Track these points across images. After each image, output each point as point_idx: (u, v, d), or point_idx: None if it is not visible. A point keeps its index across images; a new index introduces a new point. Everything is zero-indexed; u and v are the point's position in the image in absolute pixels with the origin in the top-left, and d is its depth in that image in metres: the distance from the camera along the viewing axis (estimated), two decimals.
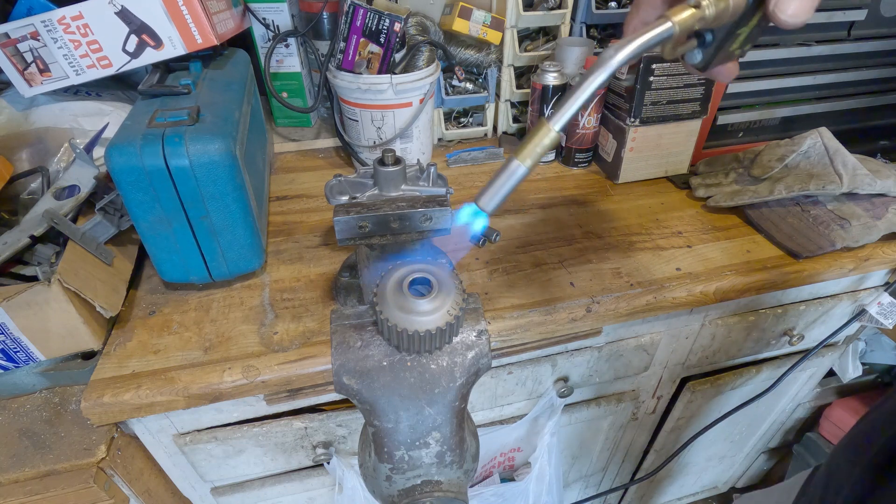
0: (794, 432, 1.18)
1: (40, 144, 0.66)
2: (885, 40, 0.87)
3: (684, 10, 0.30)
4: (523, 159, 0.32)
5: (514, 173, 0.32)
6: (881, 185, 0.70)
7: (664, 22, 0.30)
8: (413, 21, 0.82)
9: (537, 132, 0.32)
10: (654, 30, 0.30)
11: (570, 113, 0.31)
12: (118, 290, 0.57)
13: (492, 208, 0.33)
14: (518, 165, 0.32)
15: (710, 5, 0.30)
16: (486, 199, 0.33)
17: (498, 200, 0.33)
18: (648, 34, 0.30)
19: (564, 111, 0.31)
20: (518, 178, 0.32)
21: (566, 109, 0.31)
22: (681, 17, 0.30)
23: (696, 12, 0.30)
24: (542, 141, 0.32)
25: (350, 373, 0.33)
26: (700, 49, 0.35)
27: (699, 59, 0.35)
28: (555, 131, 0.31)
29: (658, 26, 0.30)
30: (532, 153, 0.32)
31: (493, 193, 0.33)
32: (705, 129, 0.86)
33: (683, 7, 0.30)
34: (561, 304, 0.60)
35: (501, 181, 0.32)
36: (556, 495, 0.85)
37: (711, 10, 0.30)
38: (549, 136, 0.32)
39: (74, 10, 0.59)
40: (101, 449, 0.52)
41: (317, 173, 0.88)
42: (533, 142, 0.32)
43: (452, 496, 0.35)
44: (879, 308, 0.79)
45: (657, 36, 0.30)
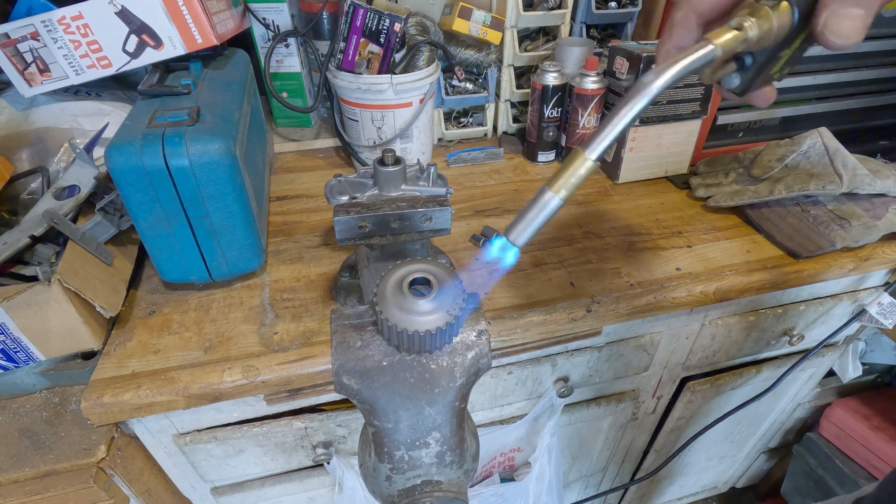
0: (794, 432, 1.18)
1: (40, 144, 0.66)
2: (885, 40, 0.87)
3: (726, 32, 0.29)
4: (557, 190, 0.30)
5: (546, 205, 0.30)
6: (881, 185, 0.70)
7: (706, 45, 0.29)
8: (413, 21, 0.82)
9: (572, 162, 0.30)
10: (696, 53, 0.29)
11: (607, 141, 0.29)
12: (118, 290, 0.57)
13: (522, 242, 0.31)
14: (552, 197, 0.30)
15: (752, 27, 0.29)
16: (517, 233, 0.31)
17: (529, 234, 0.31)
18: (690, 58, 0.29)
19: (601, 139, 0.29)
20: (552, 211, 0.30)
21: (603, 137, 0.29)
22: (723, 39, 0.29)
23: (738, 34, 0.29)
24: (578, 171, 0.30)
25: (350, 373, 0.33)
26: (739, 73, 0.33)
27: (737, 84, 0.34)
28: (591, 161, 0.29)
29: (699, 49, 0.29)
30: (567, 184, 0.30)
31: (525, 226, 0.31)
32: (705, 129, 0.86)
33: (725, 29, 0.29)
34: (561, 304, 0.60)
35: (533, 213, 0.30)
36: (556, 495, 0.85)
37: (755, 32, 0.29)
38: (584, 165, 0.29)
39: (74, 10, 0.59)
40: (101, 449, 0.52)
41: (317, 173, 0.88)
42: (568, 172, 0.30)
43: (452, 496, 0.35)
44: (879, 308, 0.79)
45: (699, 59, 0.29)
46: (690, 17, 0.35)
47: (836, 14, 0.27)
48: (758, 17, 0.29)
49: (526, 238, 0.31)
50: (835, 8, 0.27)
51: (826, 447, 1.08)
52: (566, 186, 0.30)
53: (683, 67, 0.29)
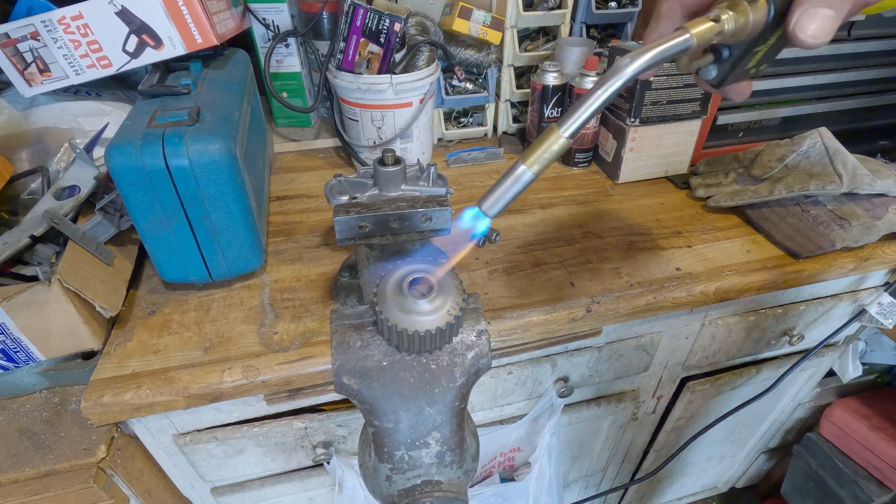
0: (794, 432, 1.18)
1: (40, 144, 0.66)
2: (885, 40, 0.87)
3: (703, 22, 0.30)
4: (530, 165, 0.31)
5: (519, 178, 0.31)
6: (881, 185, 0.70)
7: (683, 33, 0.30)
8: (413, 21, 0.82)
9: (546, 138, 0.31)
10: (672, 40, 0.30)
11: (581, 120, 0.30)
12: (118, 290, 0.57)
13: (495, 213, 0.32)
14: (525, 171, 0.31)
15: (729, 20, 0.30)
16: (490, 204, 0.32)
17: (502, 205, 0.32)
18: (666, 44, 0.30)
19: (575, 118, 0.30)
20: (524, 184, 0.32)
21: (577, 116, 0.30)
22: (699, 29, 0.30)
23: (714, 26, 0.30)
24: (552, 147, 0.31)
25: (350, 373, 0.33)
26: (716, 65, 0.34)
27: (714, 76, 0.35)
28: (564, 138, 0.31)
29: (676, 37, 0.30)
30: (540, 159, 0.31)
31: (498, 198, 0.32)
32: (705, 129, 0.86)
33: (703, 20, 0.30)
34: (561, 304, 0.60)
35: (506, 186, 0.32)
36: (556, 495, 0.85)
37: (731, 25, 0.30)
38: (558, 142, 0.31)
39: (74, 10, 0.59)
40: (101, 449, 0.52)
41: (317, 173, 0.88)
42: (542, 147, 0.31)
43: (452, 496, 0.35)
44: (879, 308, 0.79)
45: (674, 46, 0.30)
46: (675, 8, 0.36)
47: (807, 13, 0.28)
48: (735, 10, 0.30)
49: (498, 209, 0.32)
50: (807, 6, 0.28)
51: (826, 447, 1.08)
52: (539, 161, 0.31)
53: (658, 53, 0.30)
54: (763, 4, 0.30)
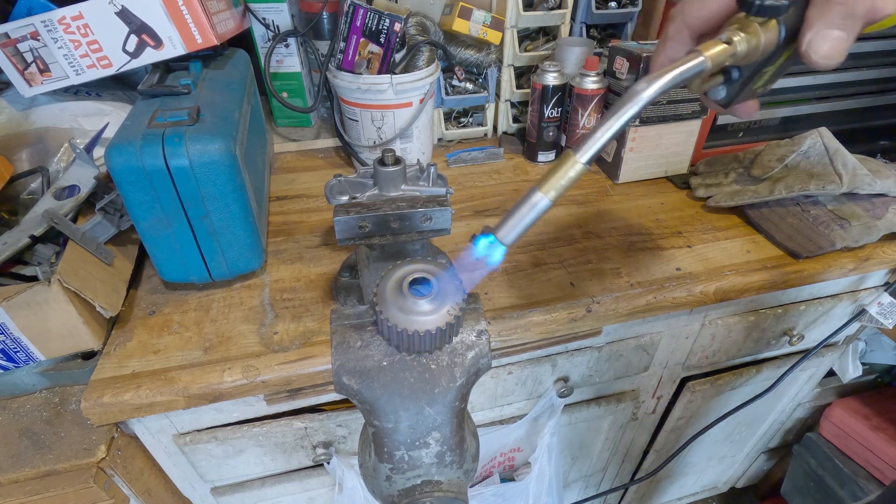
0: (794, 432, 1.18)
1: (40, 144, 0.66)
2: (885, 40, 0.87)
3: (716, 45, 0.30)
4: (546, 191, 0.30)
5: (535, 206, 0.31)
6: (881, 185, 0.70)
7: (696, 56, 0.30)
8: (413, 21, 0.82)
9: (563, 164, 0.30)
10: (687, 64, 0.30)
11: (598, 146, 0.30)
12: (118, 290, 0.57)
13: (510, 241, 0.31)
14: (541, 198, 0.30)
15: (741, 41, 0.30)
16: (506, 232, 0.31)
17: (518, 233, 0.31)
18: (681, 68, 0.30)
19: (592, 143, 0.30)
20: (540, 211, 0.31)
21: (594, 142, 0.30)
22: (713, 52, 0.30)
23: (727, 48, 0.30)
24: (568, 173, 0.30)
25: (350, 373, 0.33)
26: (725, 86, 0.34)
27: (723, 96, 0.35)
28: (581, 163, 0.30)
29: (690, 60, 0.30)
30: (556, 185, 0.30)
31: (513, 226, 0.31)
32: (705, 129, 0.86)
33: (715, 42, 0.30)
34: (561, 304, 0.60)
35: (522, 213, 0.31)
36: (556, 495, 0.85)
37: (743, 47, 0.30)
38: (574, 168, 0.30)
39: (74, 10, 0.59)
40: (101, 449, 0.52)
41: (317, 173, 0.88)
42: (558, 174, 0.30)
43: (452, 496, 0.35)
44: (879, 308, 0.79)
45: (689, 70, 0.30)
46: (683, 31, 0.36)
47: (819, 35, 0.29)
48: (747, 32, 0.30)
49: (514, 237, 0.32)
50: (818, 28, 0.29)
51: (826, 447, 1.08)
52: (555, 188, 0.30)
53: (674, 77, 0.30)
54: (774, 26, 0.30)
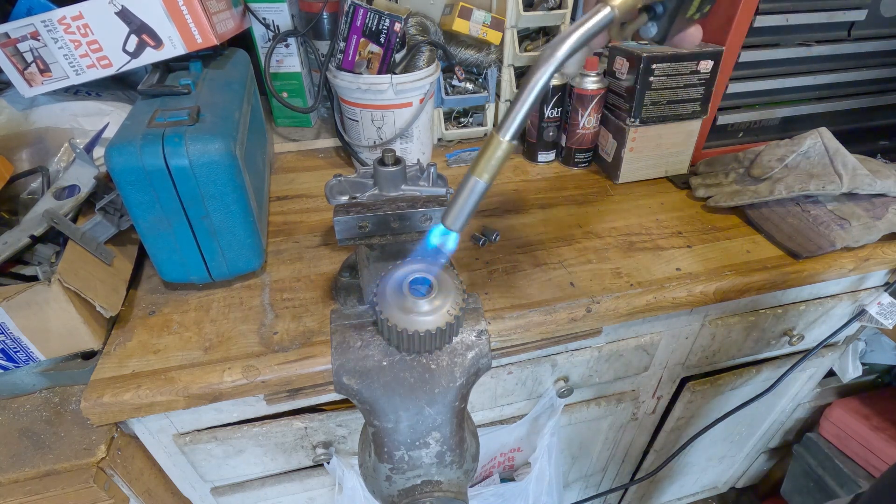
0: (794, 432, 1.18)
1: (40, 144, 0.66)
2: (885, 40, 0.87)
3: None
4: (480, 174, 0.31)
5: (473, 190, 0.32)
6: (881, 185, 0.70)
7: (602, 7, 0.28)
8: (413, 21, 0.82)
9: (489, 145, 0.31)
10: (593, 18, 0.29)
11: (518, 121, 0.30)
12: (118, 290, 0.57)
13: (459, 227, 0.33)
14: (476, 181, 0.31)
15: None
16: (453, 219, 0.32)
17: (464, 218, 0.32)
18: (587, 23, 0.28)
19: (512, 119, 0.30)
20: (479, 194, 0.32)
21: (514, 118, 0.30)
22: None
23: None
24: (496, 153, 0.31)
25: (350, 373, 0.33)
26: (653, 22, 0.33)
27: (654, 33, 0.33)
28: (505, 142, 0.31)
29: (595, 14, 0.29)
30: (487, 167, 0.31)
31: (458, 212, 0.32)
32: (705, 129, 0.86)
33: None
34: (561, 304, 0.60)
35: (463, 199, 0.32)
36: (556, 495, 0.85)
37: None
38: (500, 147, 0.31)
39: (74, 10, 0.59)
40: (101, 449, 0.52)
41: (317, 173, 0.88)
42: (486, 155, 0.31)
43: (452, 496, 0.35)
44: (879, 308, 0.79)
45: (596, 24, 0.28)
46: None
47: None
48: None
49: (462, 222, 0.33)
50: None
51: (826, 447, 1.08)
52: (487, 169, 0.31)
53: (580, 35, 0.29)
54: None
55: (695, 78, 0.77)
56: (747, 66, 0.83)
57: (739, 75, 0.83)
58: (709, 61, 0.76)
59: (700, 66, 0.76)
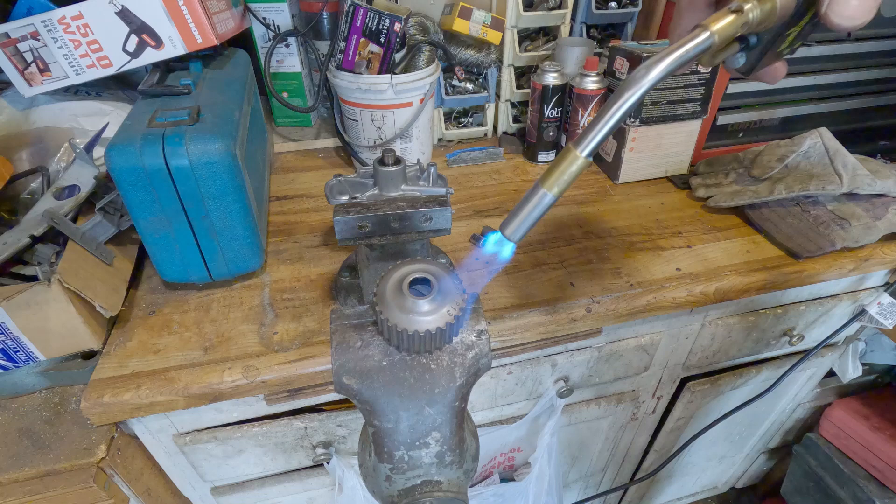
0: (794, 432, 1.18)
1: (40, 144, 0.66)
2: (885, 40, 0.87)
3: (724, 16, 0.28)
4: (550, 187, 0.31)
5: (540, 202, 0.31)
6: (881, 186, 0.70)
7: (701, 32, 0.28)
8: (413, 21, 0.82)
9: (564, 158, 0.30)
10: (690, 42, 0.28)
11: (599, 137, 0.29)
12: (118, 290, 0.57)
13: (518, 237, 0.32)
14: (545, 194, 0.31)
15: (753, 9, 0.27)
16: (513, 229, 0.32)
17: (525, 230, 0.32)
18: (683, 48, 0.28)
19: (593, 135, 0.29)
20: (545, 207, 0.31)
21: (595, 133, 0.29)
22: (720, 25, 0.27)
23: (737, 18, 0.27)
24: (570, 168, 0.30)
25: (350, 373, 0.33)
26: (744, 53, 0.32)
27: (742, 64, 0.32)
28: (582, 157, 0.30)
29: (694, 38, 0.28)
30: (559, 181, 0.30)
31: (520, 223, 0.32)
32: (705, 129, 0.86)
33: (724, 13, 0.28)
34: (561, 304, 0.60)
35: (528, 210, 0.31)
36: (556, 495, 0.85)
37: (756, 14, 0.27)
38: (576, 163, 0.30)
39: (74, 9, 0.59)
40: (101, 449, 0.52)
41: (317, 173, 0.88)
42: (559, 169, 0.30)
43: (452, 496, 0.35)
44: (879, 308, 0.79)
45: (693, 49, 0.28)
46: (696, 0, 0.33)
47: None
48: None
49: (521, 234, 0.32)
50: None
51: (826, 447, 1.08)
52: (559, 184, 0.31)
53: (676, 58, 0.28)
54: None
55: (695, 78, 0.77)
56: None
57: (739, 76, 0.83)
58: None
59: (700, 66, 0.76)
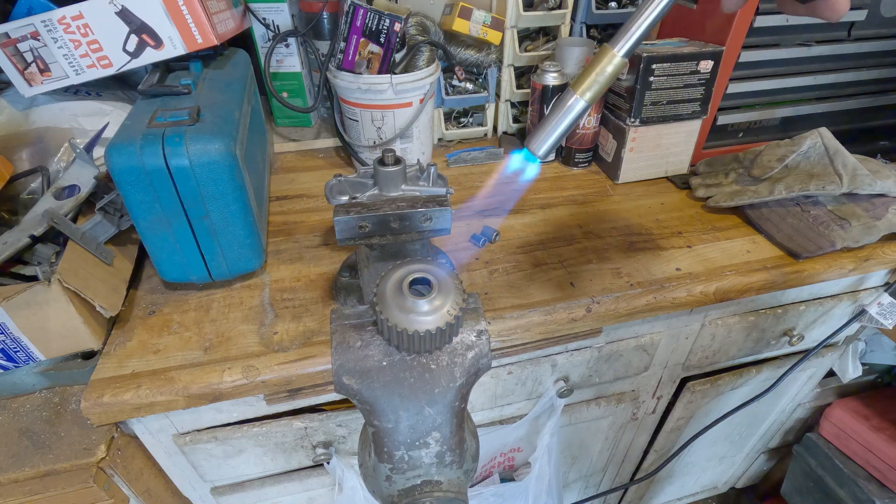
0: (794, 432, 1.18)
1: (40, 144, 0.66)
2: (885, 40, 0.87)
3: None
4: (582, 92, 0.27)
5: (571, 108, 0.27)
6: (881, 186, 0.69)
7: None
8: (413, 21, 0.82)
9: (600, 60, 0.27)
10: None
11: (638, 35, 0.26)
12: (118, 290, 0.57)
13: (543, 152, 0.29)
14: (577, 100, 0.27)
15: None
16: (539, 142, 0.28)
17: (551, 143, 0.28)
18: None
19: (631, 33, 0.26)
20: (576, 115, 0.28)
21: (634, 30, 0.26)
22: None
23: None
24: (606, 68, 0.27)
25: (350, 373, 0.33)
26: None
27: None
28: (619, 57, 0.26)
29: None
30: (593, 84, 0.27)
31: (547, 134, 0.28)
32: (705, 129, 0.86)
33: None
34: (561, 304, 0.60)
35: (556, 119, 0.28)
36: (556, 495, 0.85)
37: None
38: (613, 62, 0.27)
39: (74, 9, 0.59)
40: (101, 449, 0.52)
41: (317, 173, 0.88)
42: (595, 70, 0.27)
43: (452, 496, 0.35)
44: (879, 308, 0.79)
45: None
46: None
47: None
48: None
49: (548, 148, 0.29)
50: None
51: (826, 447, 1.08)
52: (592, 87, 0.27)
53: None
54: None
55: (695, 78, 0.77)
56: (747, 66, 0.83)
57: (739, 75, 0.83)
58: (709, 61, 0.76)
59: (700, 66, 0.76)
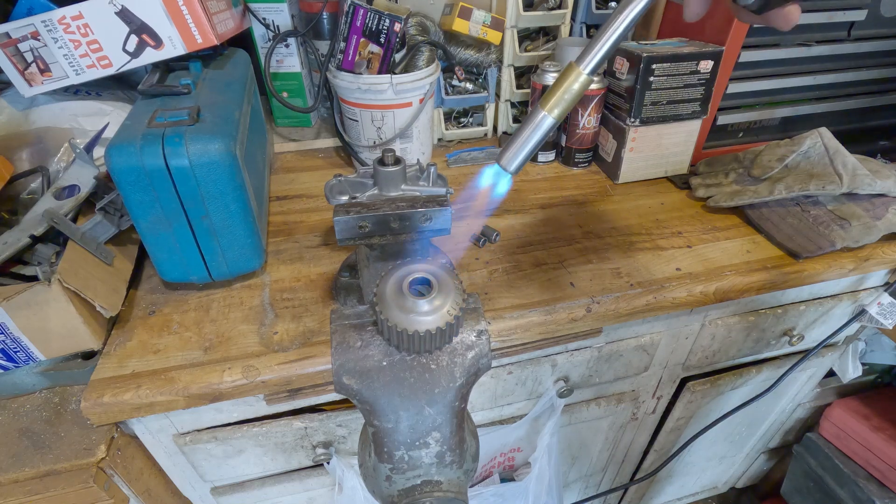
0: (794, 432, 1.18)
1: (40, 144, 0.66)
2: (885, 40, 0.87)
3: None
4: (550, 109, 0.27)
5: (539, 126, 0.28)
6: (881, 186, 0.69)
7: None
8: (413, 21, 0.82)
9: (566, 77, 0.27)
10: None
11: (602, 53, 0.26)
12: (118, 290, 0.57)
13: (514, 168, 0.29)
14: (545, 116, 0.28)
15: None
16: (509, 158, 0.29)
17: (521, 159, 0.29)
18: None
19: (596, 51, 0.26)
20: (544, 132, 0.28)
21: (598, 49, 0.26)
22: None
23: None
24: (572, 86, 0.27)
25: (350, 373, 0.33)
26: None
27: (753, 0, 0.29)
28: (585, 74, 0.27)
29: None
30: (560, 101, 0.27)
31: (517, 151, 0.29)
32: (705, 129, 0.86)
33: None
34: (561, 304, 0.60)
35: (525, 136, 0.28)
36: (556, 495, 0.85)
37: None
38: (578, 80, 0.27)
39: (74, 10, 0.59)
40: (101, 449, 0.52)
41: (317, 173, 0.88)
42: (561, 88, 0.27)
43: (452, 496, 0.35)
44: (879, 308, 0.79)
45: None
46: None
47: None
48: None
49: (518, 164, 0.29)
50: None
51: (826, 447, 1.08)
52: (560, 104, 0.28)
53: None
54: None
55: (695, 78, 0.77)
56: (747, 66, 0.83)
57: (739, 75, 0.83)
58: (709, 61, 0.76)
59: (700, 66, 0.76)
